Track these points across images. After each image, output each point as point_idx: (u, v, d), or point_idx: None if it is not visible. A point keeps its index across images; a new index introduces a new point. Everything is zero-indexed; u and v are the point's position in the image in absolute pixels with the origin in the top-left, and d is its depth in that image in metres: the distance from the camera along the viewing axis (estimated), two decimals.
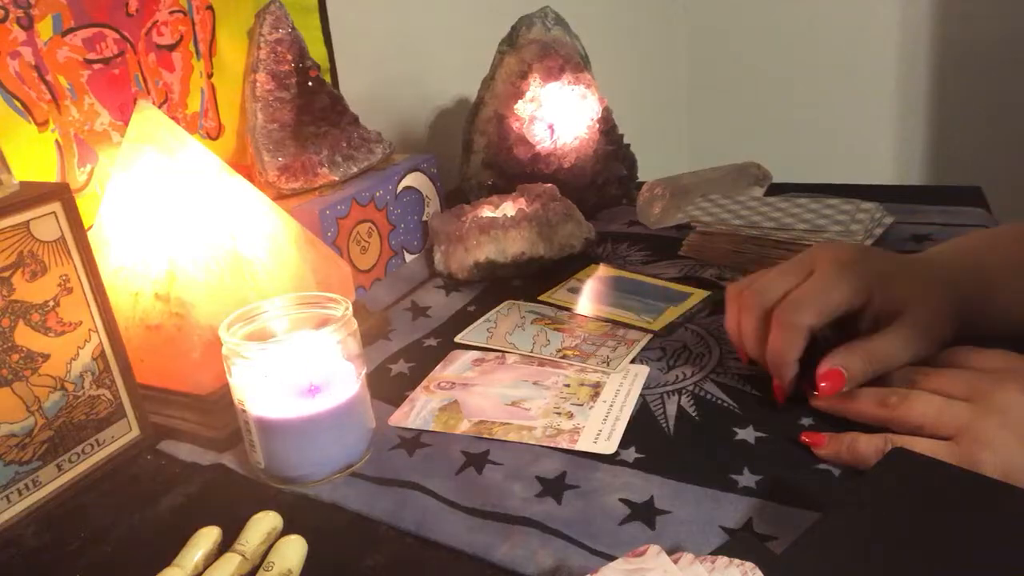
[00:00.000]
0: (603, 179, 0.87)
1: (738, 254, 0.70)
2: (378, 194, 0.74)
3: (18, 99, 0.55)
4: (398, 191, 0.77)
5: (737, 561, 0.33)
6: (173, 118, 0.65)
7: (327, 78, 0.82)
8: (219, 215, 0.53)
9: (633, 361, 0.56)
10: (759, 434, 0.47)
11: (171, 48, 0.65)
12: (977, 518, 0.35)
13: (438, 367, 0.58)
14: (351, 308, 0.47)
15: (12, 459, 0.45)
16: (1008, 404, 0.40)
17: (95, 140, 0.61)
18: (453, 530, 0.41)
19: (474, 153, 0.87)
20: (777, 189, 0.86)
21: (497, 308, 0.67)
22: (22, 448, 0.45)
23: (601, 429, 0.49)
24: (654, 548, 0.34)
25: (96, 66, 0.60)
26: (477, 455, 0.48)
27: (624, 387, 0.53)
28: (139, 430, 0.51)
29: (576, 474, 0.45)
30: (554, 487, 0.44)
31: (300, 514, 0.44)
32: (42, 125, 0.57)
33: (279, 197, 0.70)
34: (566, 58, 0.84)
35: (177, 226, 0.52)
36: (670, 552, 0.34)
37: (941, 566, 0.32)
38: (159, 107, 0.64)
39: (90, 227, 0.56)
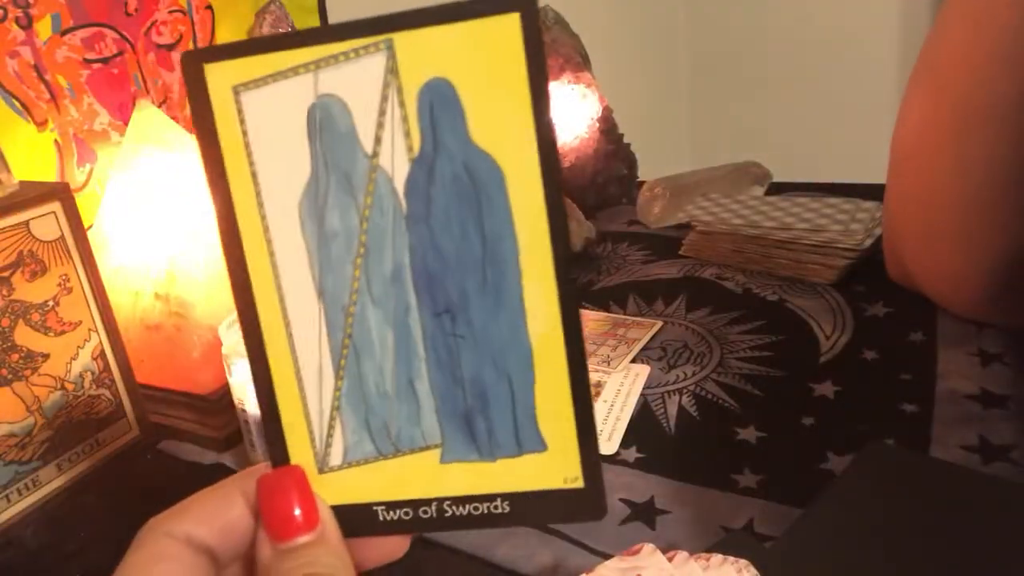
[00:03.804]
0: (603, 178, 0.87)
1: (738, 253, 0.70)
2: None
3: (17, 99, 0.55)
4: None
5: (732, 558, 0.33)
6: (173, 117, 0.65)
7: None
8: None
9: (634, 360, 0.56)
10: (760, 434, 0.47)
11: (170, 47, 0.65)
12: (955, 506, 0.35)
13: None
14: None
15: (12, 459, 0.45)
16: None
17: (94, 140, 0.61)
18: None
19: None
20: (777, 188, 0.86)
21: None
22: (22, 448, 0.45)
23: (602, 429, 0.49)
24: (648, 547, 0.34)
25: (95, 66, 0.60)
26: None
27: (625, 387, 0.53)
28: (139, 430, 0.51)
29: None
30: None
31: None
32: (41, 125, 0.57)
33: None
34: (566, 58, 0.84)
35: (177, 226, 0.52)
36: (665, 550, 0.34)
37: (922, 553, 0.33)
38: (159, 107, 0.64)
39: (90, 227, 0.56)
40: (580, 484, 0.23)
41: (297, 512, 0.22)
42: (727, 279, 0.68)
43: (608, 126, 0.86)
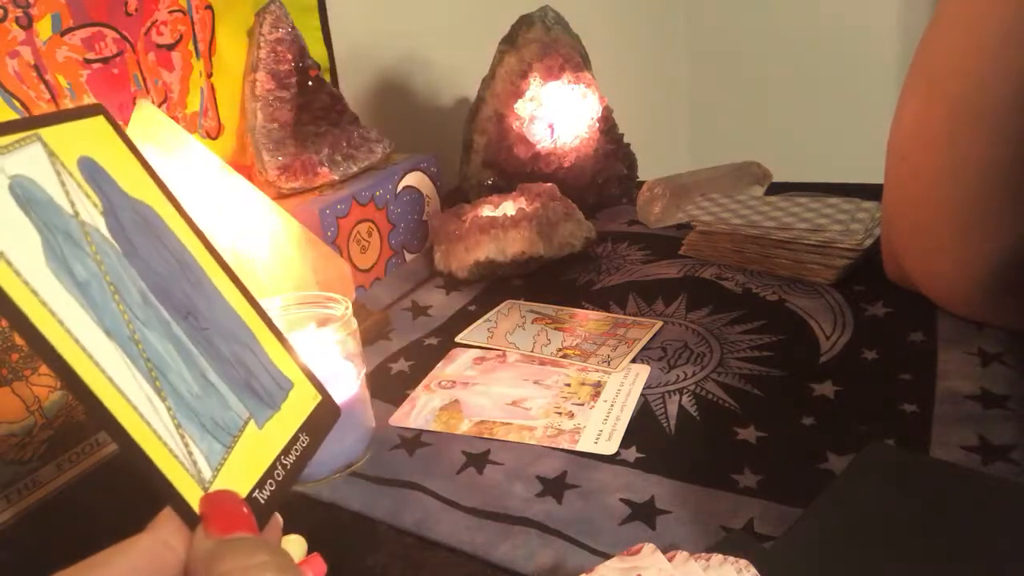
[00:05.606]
0: (603, 178, 0.87)
1: (738, 253, 0.70)
2: (378, 193, 0.74)
3: (17, 99, 0.55)
4: (398, 190, 0.76)
5: (731, 558, 0.33)
6: (173, 117, 0.65)
7: (327, 78, 0.82)
8: (219, 215, 0.53)
9: (634, 360, 0.56)
10: (760, 434, 0.47)
11: (170, 47, 0.65)
12: (955, 506, 0.35)
13: (439, 365, 0.58)
14: (351, 307, 0.47)
15: (12, 459, 0.45)
16: None
17: None
18: (453, 530, 0.41)
19: (474, 152, 0.87)
20: (777, 188, 0.86)
21: (497, 308, 0.67)
22: (22, 448, 0.45)
23: (602, 429, 0.49)
24: (649, 546, 0.34)
25: (95, 65, 0.60)
26: (477, 455, 0.48)
27: (625, 387, 0.53)
28: None
29: (577, 474, 0.45)
30: (555, 487, 0.44)
31: (300, 514, 0.44)
32: None
33: (279, 196, 0.70)
34: (566, 57, 0.84)
35: None
36: (665, 550, 0.34)
37: (922, 553, 0.33)
38: (158, 106, 0.64)
39: None
40: (320, 397, 0.31)
41: (244, 510, 0.24)
42: (727, 279, 0.68)
43: (608, 126, 0.86)
